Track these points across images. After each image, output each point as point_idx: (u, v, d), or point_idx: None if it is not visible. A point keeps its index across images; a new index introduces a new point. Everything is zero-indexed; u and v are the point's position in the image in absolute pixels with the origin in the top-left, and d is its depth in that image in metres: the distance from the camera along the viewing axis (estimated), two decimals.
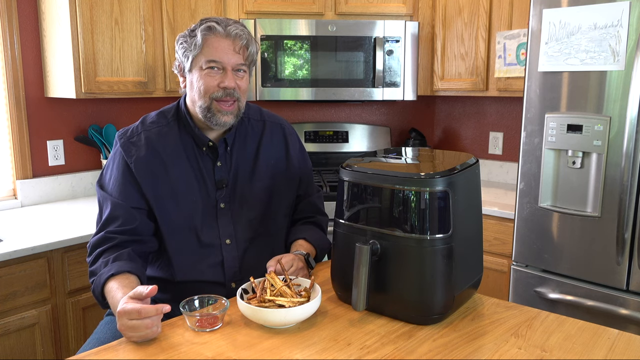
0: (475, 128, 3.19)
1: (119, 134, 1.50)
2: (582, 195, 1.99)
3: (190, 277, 1.46)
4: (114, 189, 1.45)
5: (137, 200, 1.44)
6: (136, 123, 1.52)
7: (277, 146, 1.58)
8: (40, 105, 2.50)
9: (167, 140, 1.48)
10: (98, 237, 1.41)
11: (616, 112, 1.87)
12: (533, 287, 2.15)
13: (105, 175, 1.50)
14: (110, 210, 1.42)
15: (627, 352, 1.12)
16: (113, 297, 1.26)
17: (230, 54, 1.40)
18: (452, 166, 1.25)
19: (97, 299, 1.35)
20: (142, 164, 1.44)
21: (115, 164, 1.47)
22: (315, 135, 3.15)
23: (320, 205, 1.68)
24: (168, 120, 1.51)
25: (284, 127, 1.63)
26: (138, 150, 1.45)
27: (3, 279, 1.84)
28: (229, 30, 1.40)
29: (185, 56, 1.43)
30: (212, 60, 1.40)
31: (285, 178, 1.57)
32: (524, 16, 2.53)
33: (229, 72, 1.41)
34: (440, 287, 1.21)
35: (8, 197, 2.47)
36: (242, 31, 1.42)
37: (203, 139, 1.47)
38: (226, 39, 1.40)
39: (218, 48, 1.39)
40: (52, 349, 1.99)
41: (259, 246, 1.51)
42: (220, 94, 1.41)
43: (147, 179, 1.43)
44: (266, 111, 1.63)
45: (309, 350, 1.11)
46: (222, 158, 1.49)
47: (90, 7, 2.28)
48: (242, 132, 1.54)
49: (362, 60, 2.76)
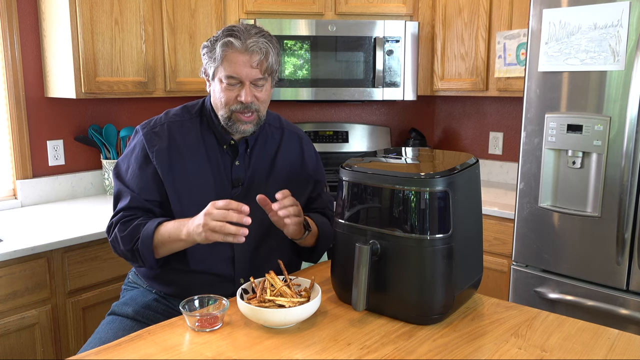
0: (475, 128, 3.19)
1: (142, 125, 1.54)
2: (582, 195, 1.99)
3: (203, 267, 1.48)
4: (131, 181, 1.49)
5: (155, 193, 1.48)
6: (159, 115, 1.56)
7: (294, 153, 1.62)
8: (40, 105, 2.50)
9: (188, 133, 1.52)
10: (118, 216, 1.48)
11: (616, 112, 1.87)
12: (533, 287, 2.15)
13: (121, 166, 1.53)
14: (128, 202, 1.47)
15: (627, 352, 1.12)
16: (173, 226, 1.38)
17: (248, 69, 1.42)
18: (452, 166, 1.25)
19: (144, 251, 1.41)
20: (163, 154, 1.48)
21: (135, 155, 1.50)
22: (315, 135, 3.15)
23: (330, 205, 1.72)
24: (191, 115, 1.55)
25: (302, 137, 1.67)
26: (160, 141, 1.49)
27: (3, 279, 1.84)
28: (247, 44, 1.41)
29: (208, 66, 1.48)
30: (230, 77, 1.43)
31: (298, 182, 1.60)
32: (524, 16, 2.53)
33: (247, 87, 1.44)
34: (440, 287, 1.21)
35: (8, 197, 2.47)
36: (260, 44, 1.42)
37: (226, 136, 1.51)
38: (244, 54, 1.41)
39: (236, 63, 1.42)
40: (52, 349, 1.99)
41: (269, 245, 1.53)
42: (239, 107, 1.45)
43: (167, 169, 1.47)
44: (285, 120, 1.68)
45: (309, 350, 1.11)
46: (241, 158, 1.53)
47: (90, 7, 2.27)
48: (263, 137, 1.58)
49: (362, 60, 2.76)
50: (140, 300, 1.51)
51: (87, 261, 2.05)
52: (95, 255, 2.07)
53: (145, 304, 1.50)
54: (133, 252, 1.43)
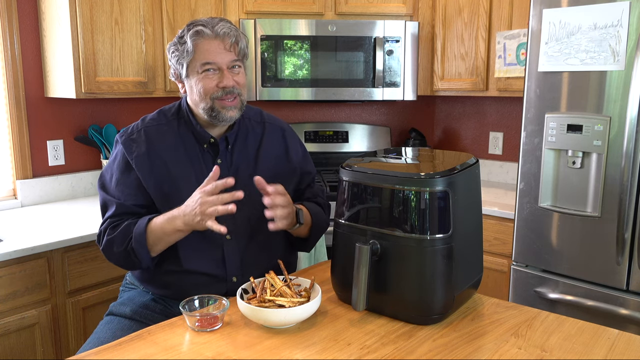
0: (475, 128, 3.19)
1: (120, 133, 1.53)
2: (582, 195, 1.99)
3: (195, 267, 1.47)
4: (115, 190, 1.48)
5: (140, 199, 1.47)
6: (136, 122, 1.55)
7: (277, 148, 1.60)
8: (40, 105, 2.50)
9: (166, 137, 1.50)
10: (106, 224, 1.47)
11: (616, 112, 1.87)
12: (533, 287, 2.15)
13: (105, 176, 1.52)
14: (114, 210, 1.47)
15: (627, 352, 1.12)
16: (165, 219, 1.38)
17: (223, 53, 1.43)
18: (452, 166, 1.25)
19: (138, 249, 1.40)
20: (142, 160, 1.47)
21: (116, 164, 1.50)
22: (315, 135, 3.15)
23: (321, 194, 1.70)
24: (168, 119, 1.53)
25: (284, 129, 1.65)
26: (138, 147, 1.48)
27: (3, 279, 1.84)
28: (216, 30, 1.42)
29: (180, 63, 1.46)
30: (207, 63, 1.43)
31: (284, 176, 1.58)
32: (524, 16, 2.53)
33: (226, 72, 1.44)
34: (440, 287, 1.21)
35: (8, 197, 2.47)
36: (229, 28, 1.44)
37: (205, 135, 1.50)
38: (215, 39, 1.43)
39: (210, 50, 1.42)
40: (52, 349, 1.99)
41: (258, 242, 1.52)
42: (220, 93, 1.44)
43: (148, 174, 1.46)
44: (267, 114, 1.66)
45: (309, 350, 1.11)
46: (222, 156, 1.51)
47: (90, 7, 2.27)
48: (244, 132, 1.56)
49: (362, 60, 2.76)
50: (138, 300, 1.51)
51: (87, 261, 2.05)
52: (95, 255, 2.07)
53: (143, 304, 1.50)
54: (127, 253, 1.41)
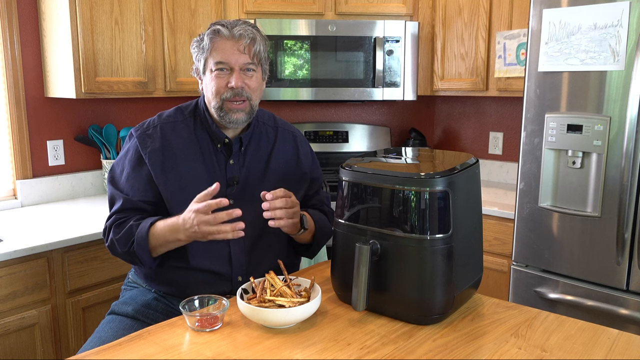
0: (475, 128, 3.19)
1: (135, 128, 1.55)
2: (582, 195, 1.99)
3: (202, 264, 1.48)
4: (125, 185, 1.49)
5: (149, 195, 1.48)
6: (152, 117, 1.57)
7: (289, 152, 1.63)
8: (40, 105, 2.50)
9: (181, 134, 1.52)
10: (111, 220, 1.48)
11: (616, 112, 1.87)
12: (533, 287, 2.15)
13: (116, 170, 1.53)
14: (120, 205, 1.48)
15: (627, 352, 1.12)
16: (166, 228, 1.38)
17: (236, 54, 1.45)
18: (452, 166, 1.25)
19: (141, 253, 1.41)
20: (156, 155, 1.48)
21: (128, 158, 1.51)
22: (315, 135, 3.15)
23: (327, 202, 1.72)
24: (185, 116, 1.56)
25: (296, 135, 1.67)
26: (153, 142, 1.49)
27: (3, 279, 1.84)
28: (233, 31, 1.45)
29: (198, 59, 1.50)
30: (220, 62, 1.45)
31: (294, 181, 1.60)
32: (524, 16, 2.53)
33: (236, 72, 1.46)
34: (440, 287, 1.21)
35: (8, 197, 2.47)
36: (246, 30, 1.46)
37: (220, 135, 1.52)
38: (230, 40, 1.45)
39: (224, 49, 1.45)
40: (52, 349, 1.99)
41: (265, 243, 1.53)
42: (229, 94, 1.46)
43: (160, 170, 1.47)
44: (279, 118, 1.68)
45: (309, 350, 1.11)
46: (235, 156, 1.53)
47: (90, 7, 2.27)
48: (257, 135, 1.59)
49: (362, 60, 2.76)
50: (140, 299, 1.51)
51: (87, 261, 2.05)
52: (95, 255, 2.07)
53: (145, 303, 1.50)
54: (131, 255, 1.44)
